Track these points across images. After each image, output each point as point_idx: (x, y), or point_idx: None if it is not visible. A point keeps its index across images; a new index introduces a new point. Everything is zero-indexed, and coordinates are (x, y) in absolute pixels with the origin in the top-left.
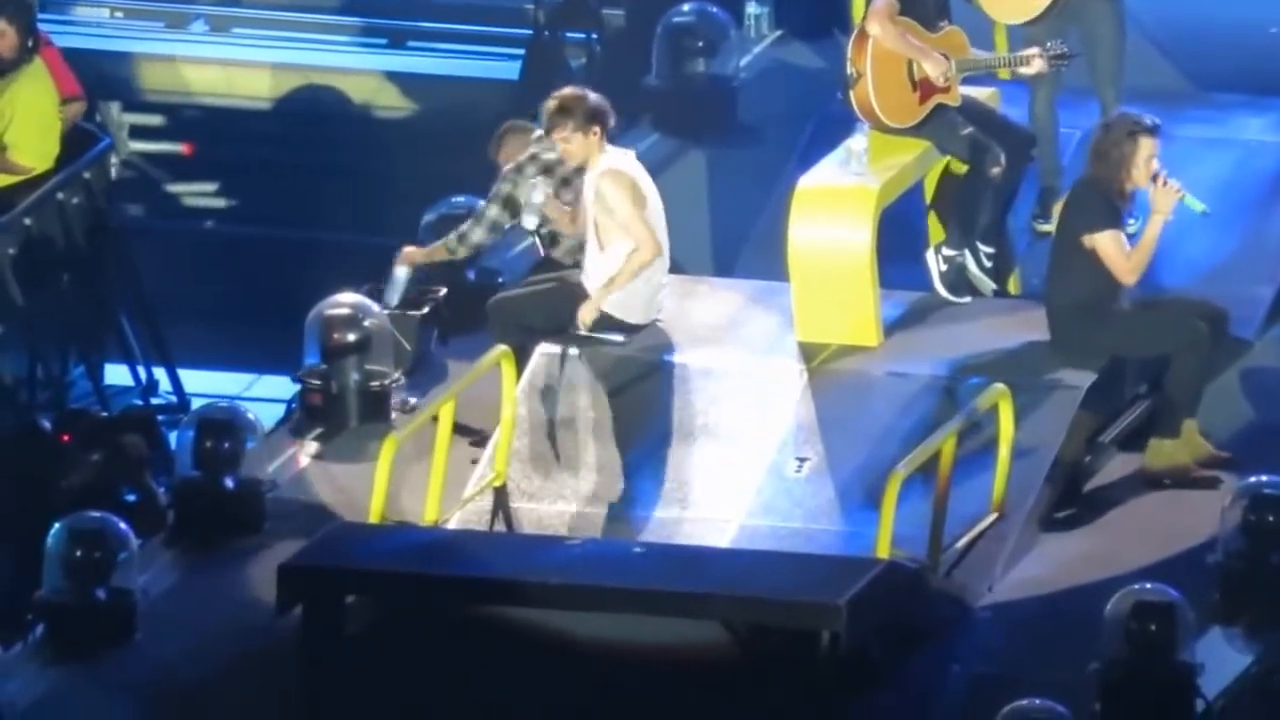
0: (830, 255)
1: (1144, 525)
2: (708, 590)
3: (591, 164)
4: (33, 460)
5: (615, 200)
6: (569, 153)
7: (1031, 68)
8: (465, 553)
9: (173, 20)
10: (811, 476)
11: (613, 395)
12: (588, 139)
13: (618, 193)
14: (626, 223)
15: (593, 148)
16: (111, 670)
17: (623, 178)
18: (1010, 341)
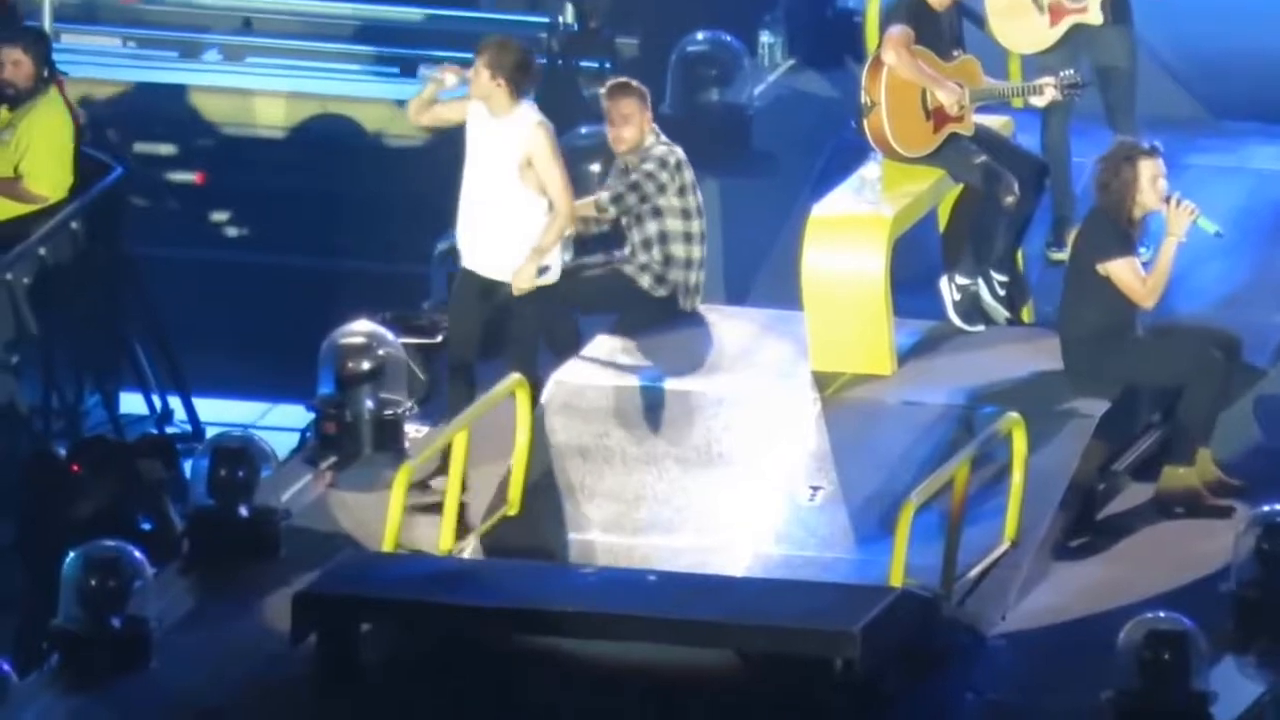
0: (844, 283)
1: (1157, 553)
2: (721, 618)
3: (505, 110)
4: (45, 488)
5: (546, 152)
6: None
7: (1045, 96)
8: (479, 581)
9: (186, 49)
10: (825, 505)
11: (626, 423)
12: (495, 84)
13: (549, 145)
14: (552, 179)
15: (503, 95)
16: (127, 698)
17: (550, 130)
18: (1024, 370)
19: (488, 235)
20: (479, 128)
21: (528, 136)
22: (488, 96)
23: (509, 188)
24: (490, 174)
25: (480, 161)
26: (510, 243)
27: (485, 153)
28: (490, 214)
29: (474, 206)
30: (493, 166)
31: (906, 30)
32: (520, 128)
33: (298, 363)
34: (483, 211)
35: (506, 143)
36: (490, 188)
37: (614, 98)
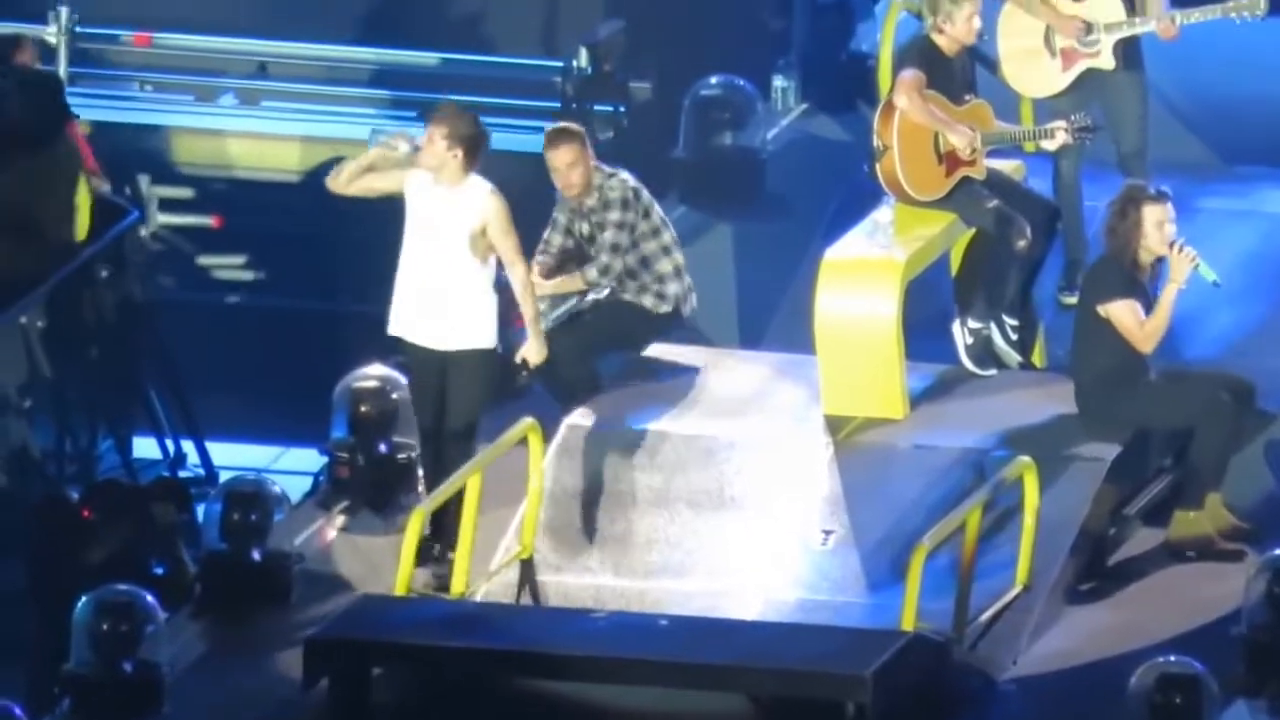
0: (856, 327)
1: (1168, 597)
2: (733, 662)
3: (457, 180)
4: (56, 532)
5: (503, 222)
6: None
7: (1056, 140)
8: (491, 625)
9: (202, 93)
10: (837, 548)
11: (640, 467)
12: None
13: (505, 214)
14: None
15: (457, 165)
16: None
17: (504, 199)
18: (1036, 414)
19: (437, 306)
20: (423, 198)
21: (483, 206)
22: (440, 166)
23: (460, 258)
24: (441, 245)
25: (429, 233)
26: (459, 313)
27: (435, 224)
28: (440, 285)
29: (422, 278)
30: (444, 237)
31: (918, 74)
32: (474, 197)
33: (311, 407)
34: (432, 283)
35: (459, 213)
36: (441, 259)
37: (554, 147)
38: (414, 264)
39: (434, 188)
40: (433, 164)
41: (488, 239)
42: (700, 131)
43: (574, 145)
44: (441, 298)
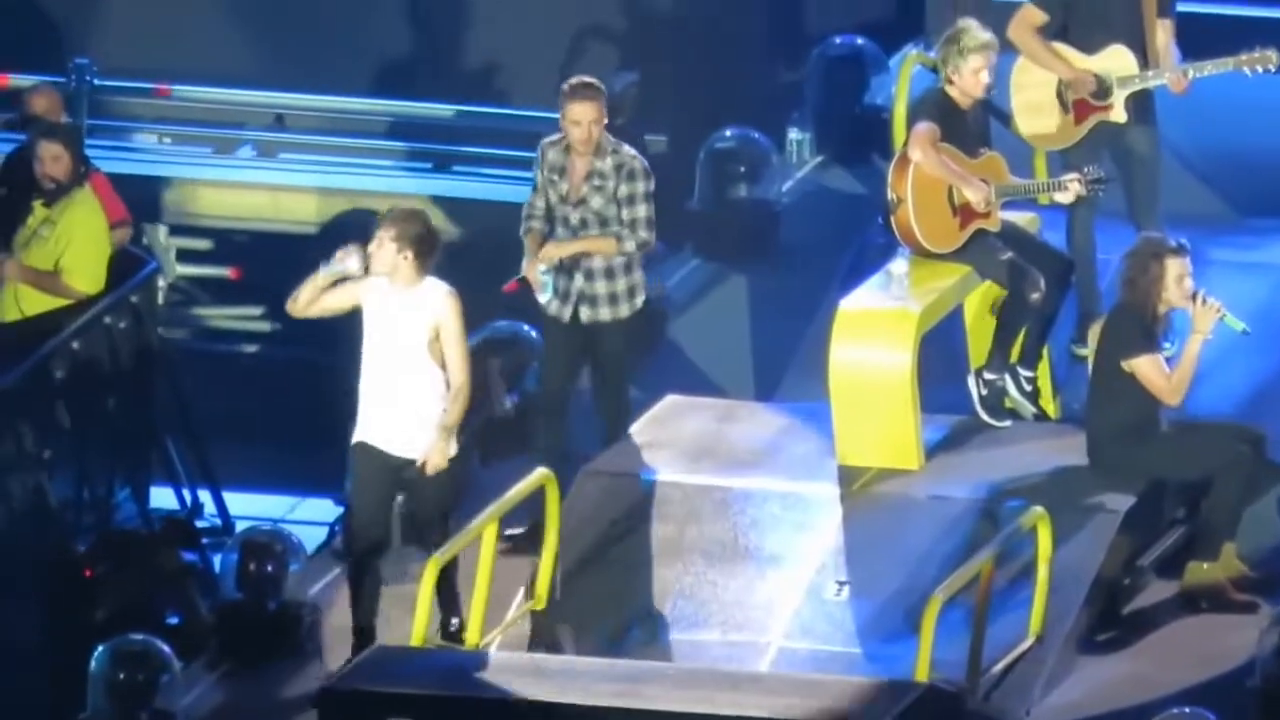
0: (871, 378)
1: (1182, 649)
2: (747, 714)
3: (412, 282)
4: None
5: (456, 324)
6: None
7: (1069, 193)
8: (506, 676)
9: (220, 145)
10: (851, 599)
11: (654, 518)
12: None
13: (459, 317)
14: (458, 353)
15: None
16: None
17: (459, 301)
18: (1050, 465)
19: (397, 412)
20: (380, 304)
21: (438, 308)
22: (393, 269)
23: (419, 362)
24: (400, 349)
25: (387, 338)
26: (420, 419)
27: (393, 328)
28: (400, 390)
29: (383, 383)
30: (402, 341)
31: (933, 127)
32: (430, 298)
33: (327, 457)
34: (392, 388)
35: (416, 315)
36: (400, 363)
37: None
38: (373, 371)
39: (389, 292)
40: (385, 268)
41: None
42: (715, 184)
43: (599, 102)
44: (406, 404)
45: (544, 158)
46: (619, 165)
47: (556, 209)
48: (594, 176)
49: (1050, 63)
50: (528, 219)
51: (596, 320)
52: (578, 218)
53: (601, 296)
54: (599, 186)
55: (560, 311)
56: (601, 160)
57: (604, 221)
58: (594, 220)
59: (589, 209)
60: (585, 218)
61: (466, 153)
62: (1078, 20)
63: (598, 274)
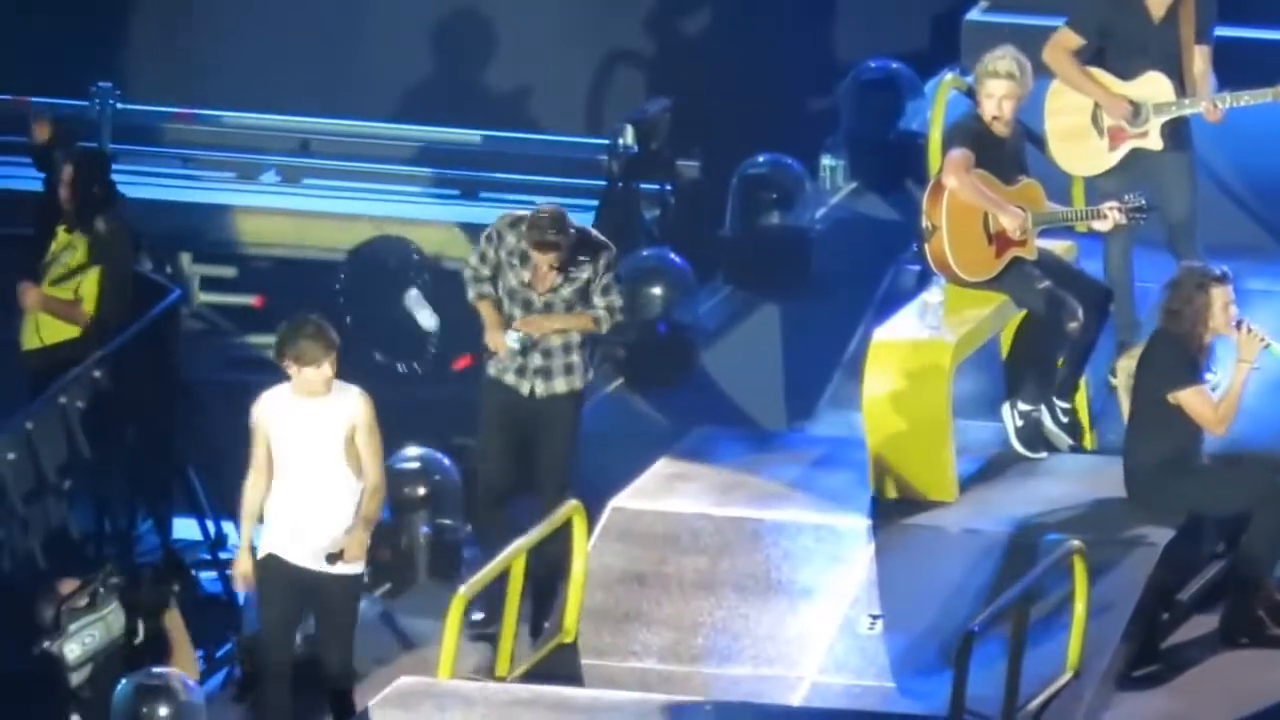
0: (905, 409)
1: (1222, 685)
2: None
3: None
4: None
5: (371, 422)
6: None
7: (1108, 221)
8: (534, 711)
9: (244, 171)
10: (885, 633)
11: (686, 551)
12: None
13: (374, 415)
14: (375, 450)
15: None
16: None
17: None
18: (1087, 497)
19: (314, 521)
20: (290, 417)
21: (354, 409)
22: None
23: (337, 470)
24: (316, 460)
25: (301, 451)
26: (337, 524)
27: (307, 439)
28: (318, 499)
29: (299, 494)
30: (318, 451)
31: (967, 154)
32: (344, 403)
33: None
34: (309, 500)
35: (331, 421)
36: (317, 474)
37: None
38: (289, 482)
39: (295, 404)
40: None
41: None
42: (747, 210)
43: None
44: (323, 515)
45: (500, 238)
46: (595, 257)
47: (517, 291)
48: (568, 268)
49: (1086, 87)
50: (477, 283)
51: (553, 393)
52: (543, 303)
53: (557, 368)
54: (572, 278)
55: (518, 384)
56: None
57: (569, 307)
58: (561, 307)
59: (559, 296)
60: (552, 303)
61: (494, 179)
62: (1115, 45)
63: (556, 350)
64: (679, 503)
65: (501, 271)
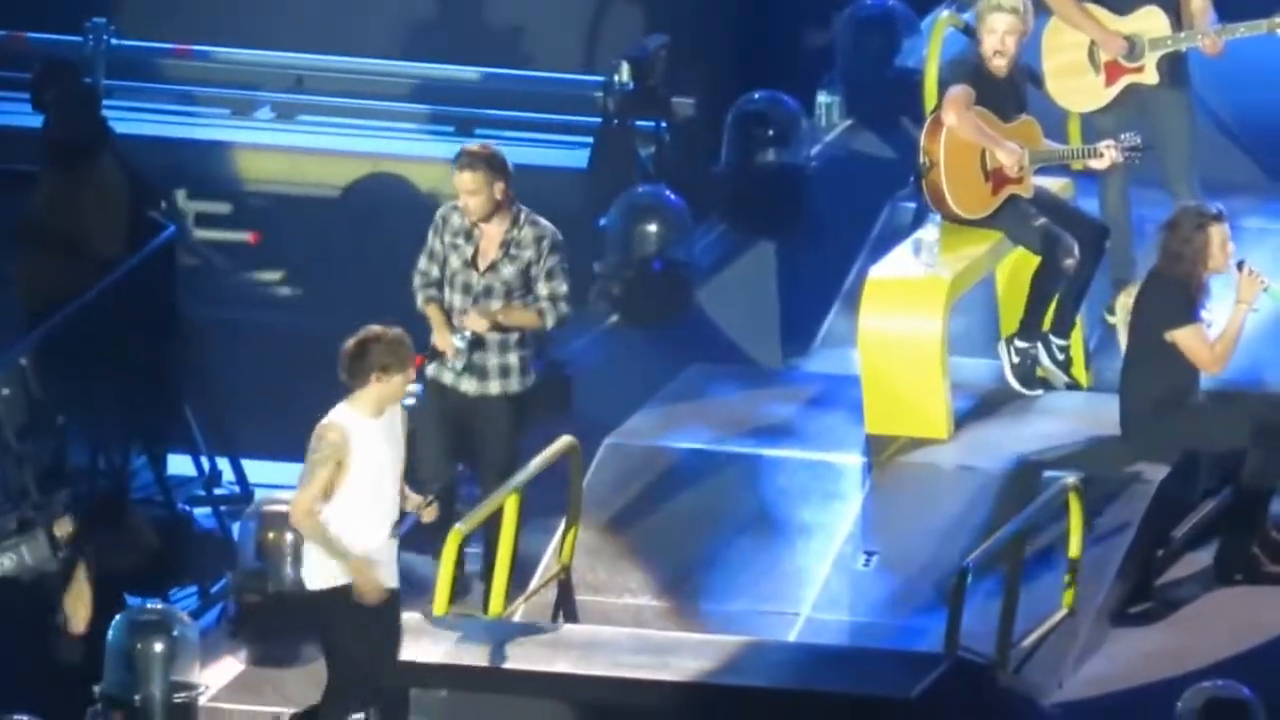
0: (901, 347)
1: (1215, 621)
2: (773, 685)
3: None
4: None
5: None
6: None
7: (1105, 160)
8: (530, 646)
9: (239, 108)
10: (879, 570)
11: (682, 488)
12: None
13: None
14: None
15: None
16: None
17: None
18: (1082, 435)
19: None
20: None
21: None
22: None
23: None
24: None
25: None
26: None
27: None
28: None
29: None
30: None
31: (967, 90)
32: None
33: None
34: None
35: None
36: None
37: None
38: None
39: (371, 425)
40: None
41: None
42: (743, 148)
43: (480, 170)
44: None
45: (445, 223)
46: (539, 237)
47: (457, 274)
48: (510, 245)
49: (1082, 23)
50: (425, 288)
51: (485, 394)
52: (482, 285)
53: (492, 369)
54: (513, 255)
55: (455, 382)
56: (517, 229)
57: (509, 291)
58: (500, 289)
59: (498, 276)
60: (491, 285)
61: (491, 116)
62: None
63: (492, 346)
64: (674, 439)
65: (446, 261)
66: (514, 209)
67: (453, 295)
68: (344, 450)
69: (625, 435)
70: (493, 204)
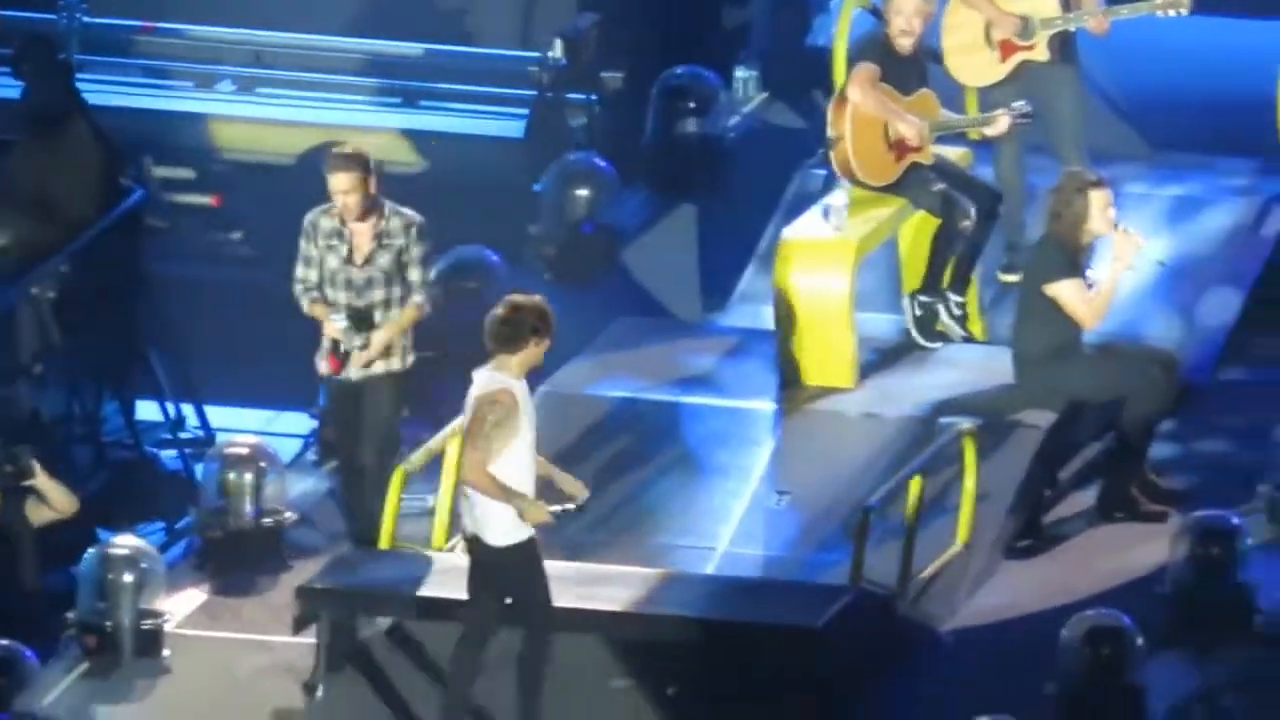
0: (811, 303)
1: (1098, 556)
2: (693, 614)
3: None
4: None
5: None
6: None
7: (998, 127)
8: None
9: (202, 81)
10: (791, 509)
11: (610, 433)
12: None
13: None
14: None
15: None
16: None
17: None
18: (977, 384)
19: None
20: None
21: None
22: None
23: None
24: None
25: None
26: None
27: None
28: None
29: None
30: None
31: (872, 67)
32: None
33: (303, 373)
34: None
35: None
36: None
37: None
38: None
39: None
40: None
41: None
42: (667, 119)
43: (355, 171)
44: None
45: (315, 229)
46: (407, 225)
47: (337, 273)
48: (382, 236)
49: (978, 3)
50: (306, 293)
51: (368, 375)
52: (364, 278)
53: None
54: (386, 245)
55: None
56: (386, 221)
57: (388, 279)
58: (380, 278)
59: (376, 267)
60: (372, 276)
61: (434, 89)
62: None
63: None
64: (603, 388)
65: (323, 264)
66: (379, 202)
67: (336, 293)
68: (515, 413)
69: (557, 384)
70: (367, 201)
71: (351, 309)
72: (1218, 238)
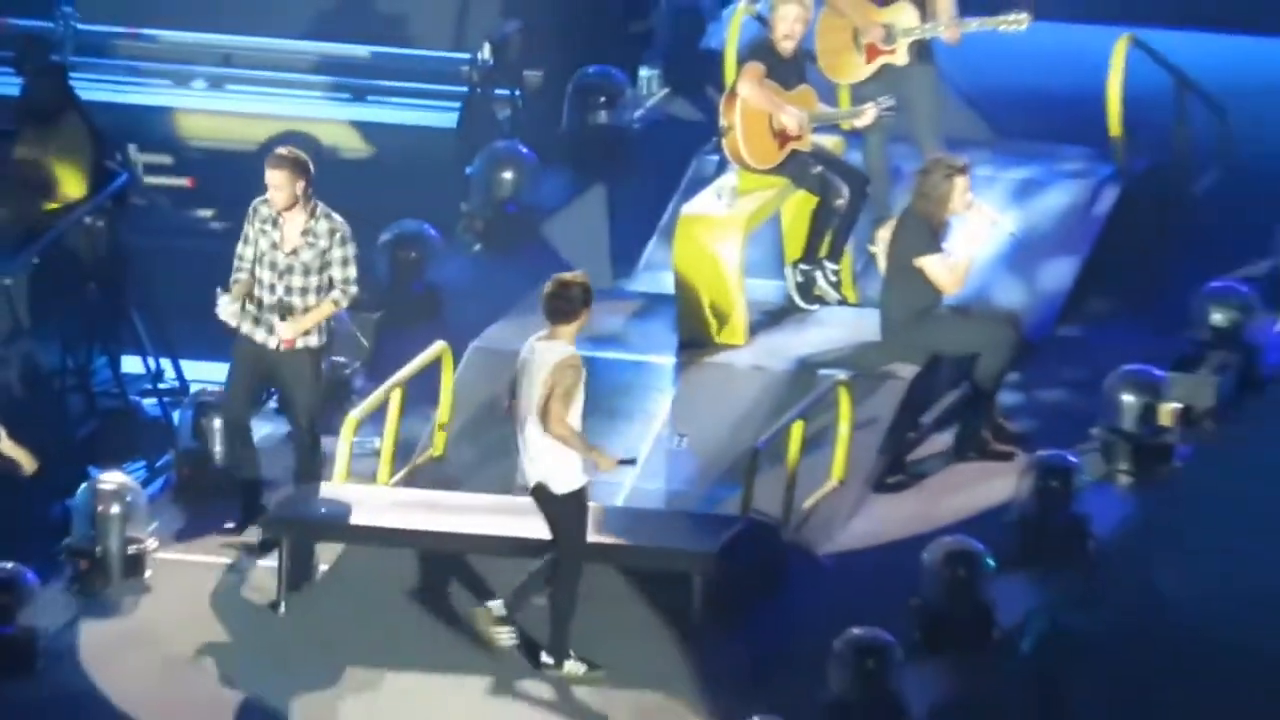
0: (707, 271)
1: (954, 490)
2: (604, 540)
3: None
4: None
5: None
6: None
7: (866, 118)
8: (411, 510)
9: (178, 79)
10: (689, 450)
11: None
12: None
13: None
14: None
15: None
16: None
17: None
18: (850, 341)
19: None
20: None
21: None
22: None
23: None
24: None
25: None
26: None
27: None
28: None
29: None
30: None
31: (759, 66)
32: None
33: None
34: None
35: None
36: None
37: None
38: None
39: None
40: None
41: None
42: (581, 111)
43: (288, 170)
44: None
45: (255, 213)
46: (331, 230)
47: (266, 254)
48: (308, 234)
49: (849, 13)
50: (237, 271)
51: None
52: (286, 264)
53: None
54: (311, 243)
55: (265, 340)
56: (314, 221)
57: (308, 270)
58: (300, 268)
59: (299, 259)
60: (293, 265)
61: (379, 86)
62: None
63: (296, 310)
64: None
65: (257, 244)
66: (311, 204)
67: (263, 271)
68: (582, 376)
69: (487, 341)
70: (294, 198)
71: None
72: (1056, 215)
